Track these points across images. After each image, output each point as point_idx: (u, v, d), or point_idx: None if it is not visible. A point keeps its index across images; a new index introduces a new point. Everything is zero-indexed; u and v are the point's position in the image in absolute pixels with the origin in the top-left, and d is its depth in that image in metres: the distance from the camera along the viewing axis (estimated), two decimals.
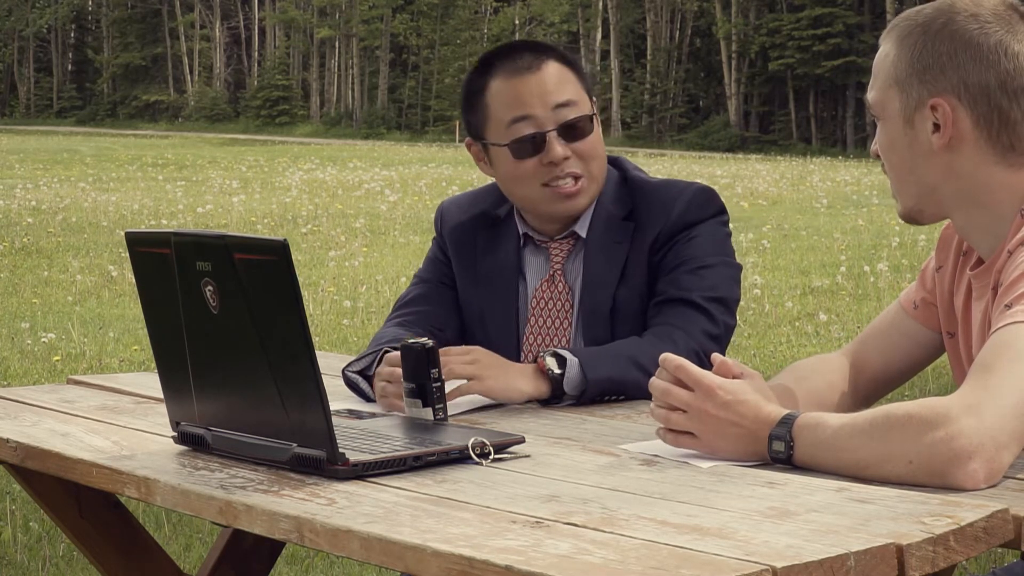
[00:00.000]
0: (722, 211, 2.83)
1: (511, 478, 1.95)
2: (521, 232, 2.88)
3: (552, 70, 2.78)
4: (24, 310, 10.64)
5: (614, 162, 2.90)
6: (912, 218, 2.24)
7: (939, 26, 2.14)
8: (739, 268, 2.84)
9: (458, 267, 2.93)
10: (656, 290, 2.76)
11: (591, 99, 2.83)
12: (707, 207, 2.80)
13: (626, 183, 2.86)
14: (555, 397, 2.54)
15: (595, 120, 2.81)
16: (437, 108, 66.43)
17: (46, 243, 15.27)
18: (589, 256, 2.81)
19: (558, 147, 2.75)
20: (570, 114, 2.77)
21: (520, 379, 2.52)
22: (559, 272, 2.84)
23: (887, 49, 2.20)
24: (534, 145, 2.76)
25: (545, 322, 2.84)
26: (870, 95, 2.23)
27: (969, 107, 2.12)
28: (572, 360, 2.53)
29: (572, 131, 2.77)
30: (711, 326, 2.69)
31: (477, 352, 2.53)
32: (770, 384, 2.25)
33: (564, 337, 2.82)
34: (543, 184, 2.77)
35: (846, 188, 25.50)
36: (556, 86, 2.77)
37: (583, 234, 2.83)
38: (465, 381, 2.50)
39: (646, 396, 2.53)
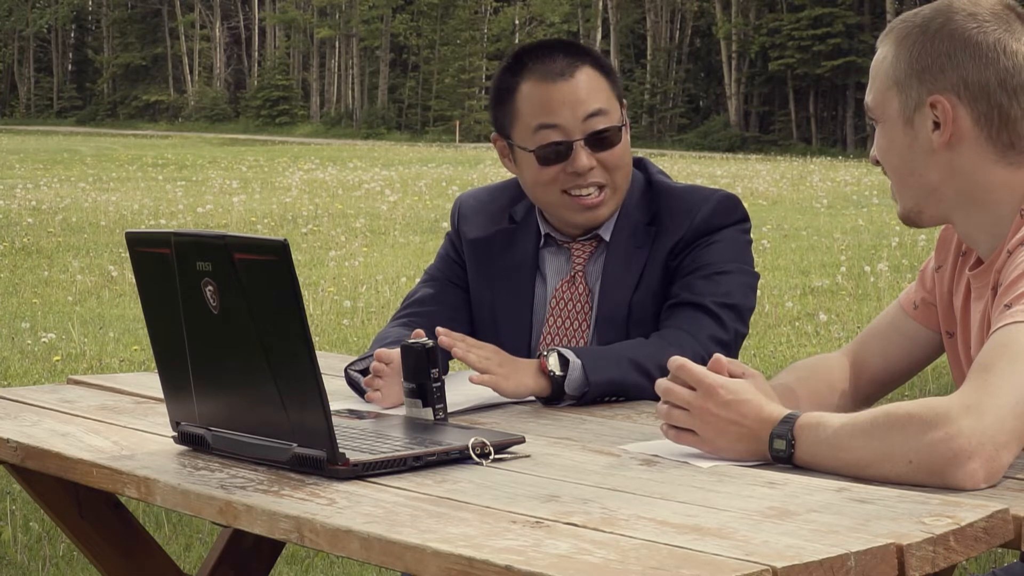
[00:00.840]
0: (745, 219, 2.81)
1: (511, 478, 1.95)
2: (543, 232, 2.87)
3: (585, 77, 2.75)
4: (24, 310, 10.64)
5: (638, 164, 2.88)
6: (912, 220, 2.24)
7: (937, 26, 2.14)
8: (756, 277, 2.82)
9: (472, 265, 2.91)
10: (670, 293, 2.75)
11: (622, 105, 2.80)
12: (731, 214, 2.79)
13: (650, 187, 2.84)
14: (555, 397, 2.54)
15: (624, 129, 2.78)
16: (437, 108, 66.43)
17: (46, 243, 15.27)
18: (610, 259, 2.80)
19: (584, 157, 2.73)
20: (599, 124, 2.74)
21: (525, 376, 2.52)
22: (580, 273, 2.83)
23: (885, 51, 2.20)
24: (559, 153, 2.74)
25: (564, 323, 2.82)
26: (869, 98, 2.22)
27: (969, 105, 2.12)
28: (575, 362, 2.53)
29: (600, 141, 2.74)
30: (720, 332, 2.68)
31: (488, 349, 2.52)
32: (770, 384, 2.25)
33: (582, 339, 2.81)
34: (564, 191, 2.76)
35: (846, 188, 25.50)
36: (588, 94, 2.74)
37: (607, 237, 2.81)
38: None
39: (648, 398, 2.54)
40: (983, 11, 2.14)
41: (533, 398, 2.55)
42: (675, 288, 2.74)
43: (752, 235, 2.84)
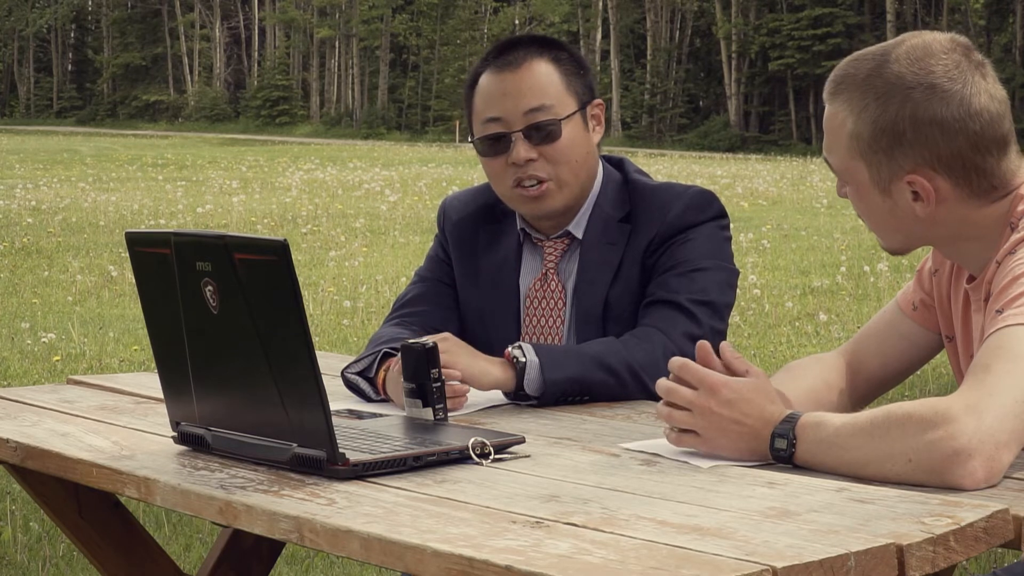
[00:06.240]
0: (721, 215, 2.80)
1: (511, 478, 1.95)
2: (519, 228, 2.88)
3: (535, 70, 2.75)
4: (24, 310, 10.64)
5: (617, 164, 2.88)
6: (897, 253, 2.26)
7: (897, 104, 2.10)
8: (735, 273, 2.81)
9: (459, 264, 2.92)
10: (647, 292, 2.75)
11: (584, 101, 2.79)
12: (705, 210, 2.78)
13: (626, 185, 2.85)
14: (520, 391, 2.53)
15: (573, 123, 2.76)
16: (437, 108, 66.44)
17: (46, 243, 15.27)
18: (584, 256, 2.80)
19: (522, 149, 2.73)
20: (540, 117, 2.73)
21: (489, 364, 2.52)
22: (552, 270, 2.83)
23: (840, 115, 2.15)
24: (500, 145, 2.76)
25: (539, 320, 2.83)
26: (831, 159, 2.19)
27: (946, 173, 2.12)
28: (533, 361, 2.53)
29: (539, 134, 2.74)
30: (694, 328, 2.66)
31: (449, 339, 2.52)
32: None
33: (557, 336, 2.81)
34: (512, 185, 2.77)
35: None
36: (532, 88, 2.74)
37: (579, 235, 2.82)
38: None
39: (616, 397, 2.54)
40: (938, 72, 2.10)
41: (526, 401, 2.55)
42: (651, 287, 2.74)
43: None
